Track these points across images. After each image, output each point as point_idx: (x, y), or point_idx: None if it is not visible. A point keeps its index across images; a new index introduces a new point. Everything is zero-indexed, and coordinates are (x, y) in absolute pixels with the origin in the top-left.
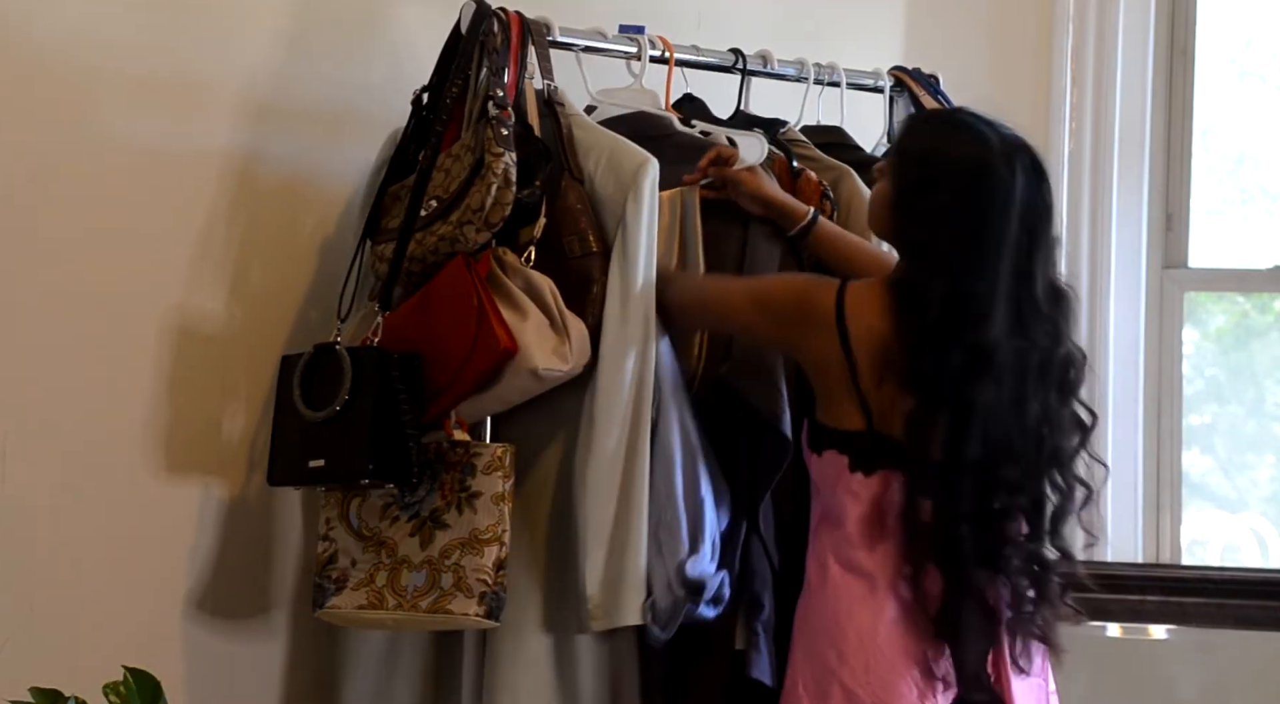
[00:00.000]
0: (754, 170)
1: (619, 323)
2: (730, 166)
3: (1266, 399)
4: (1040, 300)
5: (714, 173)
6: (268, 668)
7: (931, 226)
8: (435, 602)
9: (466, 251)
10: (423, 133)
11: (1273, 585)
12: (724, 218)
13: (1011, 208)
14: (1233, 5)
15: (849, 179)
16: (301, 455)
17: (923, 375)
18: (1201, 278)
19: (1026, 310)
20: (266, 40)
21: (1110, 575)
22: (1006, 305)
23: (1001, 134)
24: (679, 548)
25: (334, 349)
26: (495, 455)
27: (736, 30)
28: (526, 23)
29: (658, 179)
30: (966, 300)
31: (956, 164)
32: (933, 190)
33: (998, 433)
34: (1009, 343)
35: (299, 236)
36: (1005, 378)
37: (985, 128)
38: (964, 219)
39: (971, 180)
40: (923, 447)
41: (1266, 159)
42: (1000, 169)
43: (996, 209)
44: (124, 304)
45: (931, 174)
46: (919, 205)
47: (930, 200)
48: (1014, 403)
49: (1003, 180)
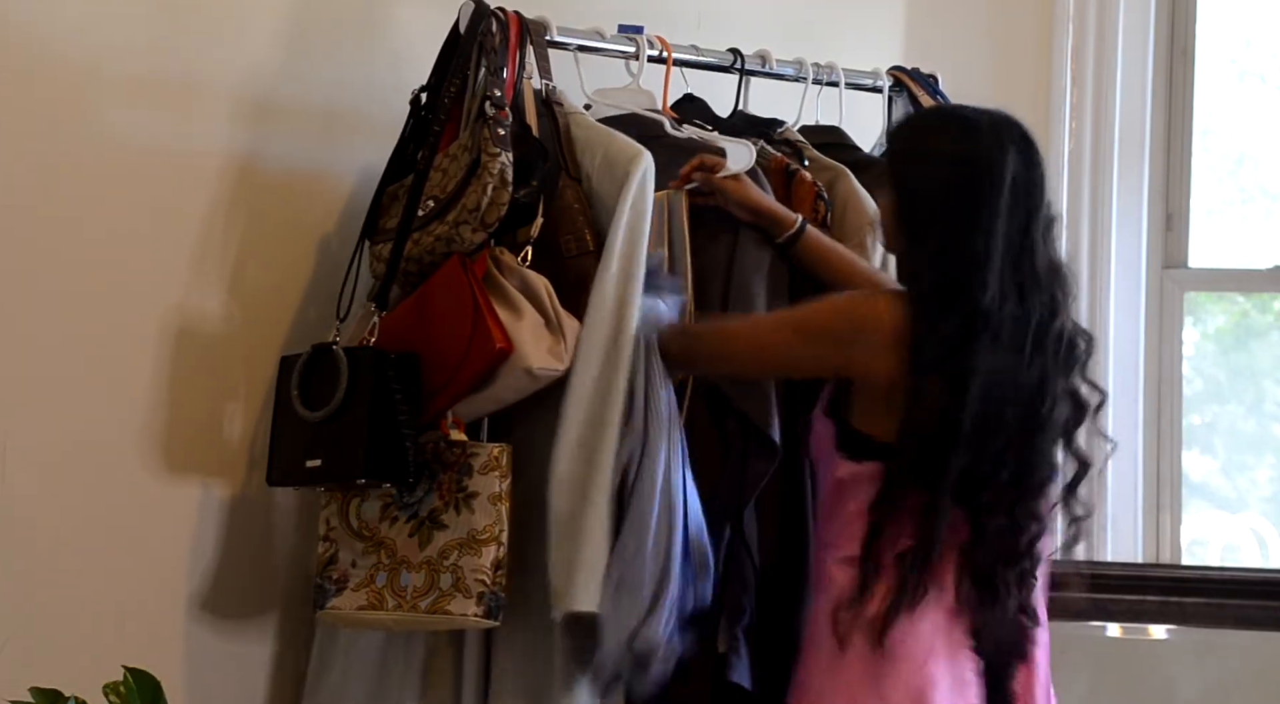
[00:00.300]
0: (740, 178)
1: (596, 312)
2: (715, 173)
3: (1266, 399)
4: (1040, 272)
5: (699, 178)
6: (268, 668)
7: (927, 206)
8: (434, 602)
9: (463, 252)
10: (421, 132)
11: (1273, 585)
12: (714, 223)
13: (1002, 179)
14: (1233, 5)
15: (845, 179)
16: (299, 455)
17: (919, 343)
18: (1201, 278)
19: (1025, 281)
20: (266, 40)
21: (1110, 575)
22: (1002, 275)
23: (988, 112)
24: (636, 609)
25: (331, 349)
26: (492, 455)
27: (735, 30)
28: (525, 22)
29: (652, 172)
30: (961, 269)
31: (945, 144)
32: (925, 172)
33: (991, 402)
34: (1005, 311)
35: (298, 236)
36: (1000, 346)
37: (969, 111)
38: (955, 193)
39: (960, 154)
40: (919, 417)
41: (1266, 159)
42: (988, 142)
43: (986, 180)
44: (124, 304)
45: (921, 159)
46: (914, 189)
47: (923, 182)
48: (1010, 371)
49: (990, 152)
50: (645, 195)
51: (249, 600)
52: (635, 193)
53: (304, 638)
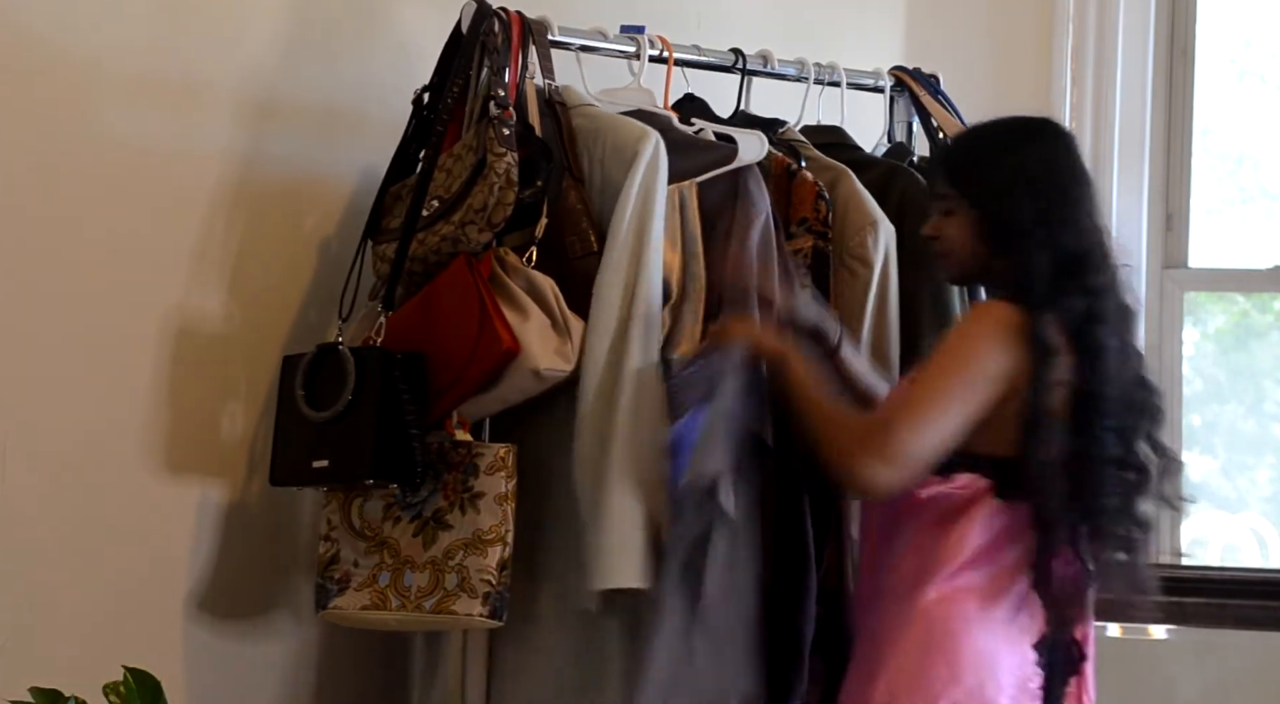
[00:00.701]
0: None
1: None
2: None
3: (1266, 399)
4: (1111, 252)
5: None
6: (268, 668)
7: (1020, 210)
8: (439, 602)
9: (469, 252)
10: (424, 133)
11: (1273, 585)
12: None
13: (1071, 170)
14: (1233, 5)
15: (846, 179)
16: (305, 455)
17: (1044, 335)
18: (1201, 278)
19: (1111, 261)
20: (266, 40)
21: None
22: (1097, 255)
23: (1023, 117)
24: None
25: (337, 349)
26: (498, 456)
27: (737, 30)
28: (527, 22)
29: (663, 152)
30: (1069, 259)
31: (1013, 149)
32: (1005, 180)
33: (1119, 382)
34: (1113, 292)
35: (299, 236)
36: (1115, 329)
37: (1010, 119)
38: (1043, 191)
39: (1032, 155)
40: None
41: (1266, 159)
42: (1049, 139)
43: (1063, 174)
44: (124, 304)
45: (997, 170)
46: (1001, 199)
47: (1009, 189)
48: (1126, 352)
49: (1055, 148)
50: (655, 175)
51: (249, 600)
52: (644, 173)
53: (305, 638)
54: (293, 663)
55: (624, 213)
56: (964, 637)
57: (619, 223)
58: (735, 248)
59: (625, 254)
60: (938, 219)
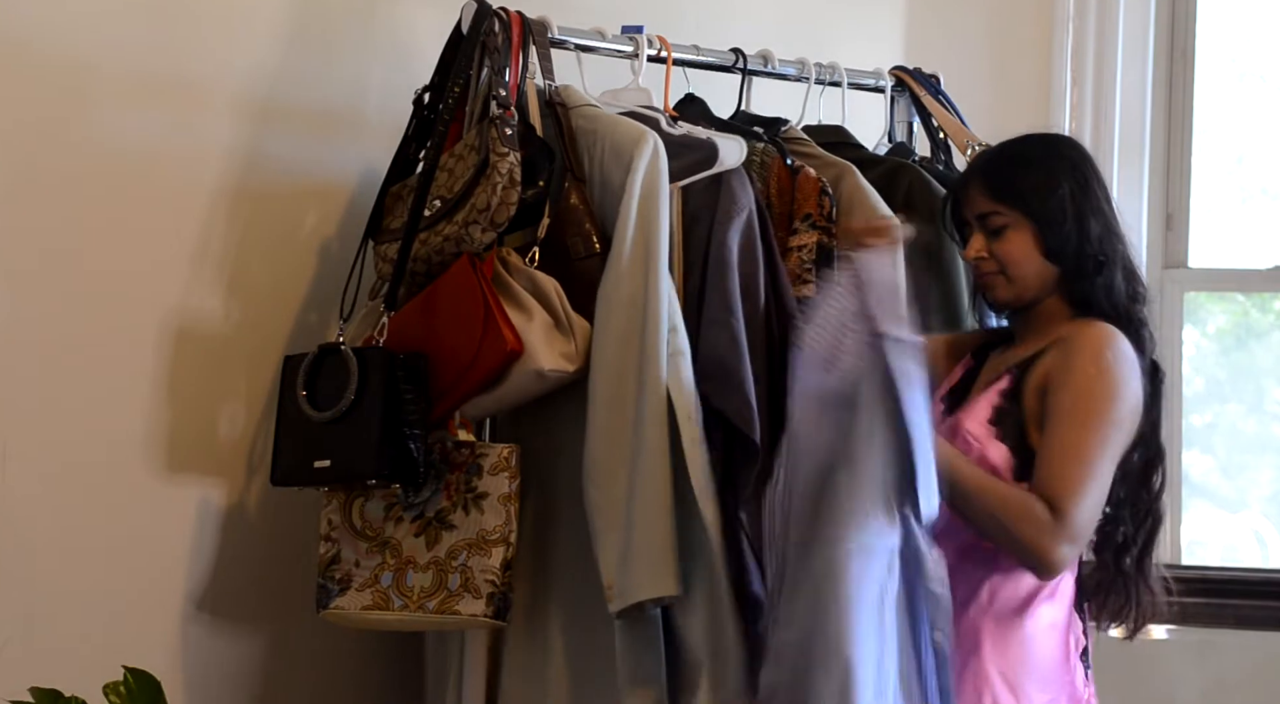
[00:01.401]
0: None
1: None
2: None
3: (1266, 399)
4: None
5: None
6: (268, 668)
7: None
8: (443, 602)
9: (472, 252)
10: (424, 133)
11: (1273, 585)
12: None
13: (1098, 179)
14: (1233, 5)
15: (850, 176)
16: (307, 456)
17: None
18: (1201, 278)
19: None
20: (266, 40)
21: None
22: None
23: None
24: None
25: (339, 349)
26: (501, 456)
27: (737, 30)
28: (527, 22)
29: (662, 152)
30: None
31: (1049, 165)
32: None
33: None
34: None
35: (298, 236)
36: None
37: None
38: (1086, 203)
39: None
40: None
41: (1266, 159)
42: (1075, 151)
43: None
44: (123, 304)
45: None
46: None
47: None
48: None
49: (1082, 159)
50: (656, 176)
51: (249, 600)
52: (645, 174)
53: (305, 638)
54: (293, 663)
55: (628, 216)
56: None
57: (623, 226)
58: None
59: (631, 258)
60: (983, 240)
